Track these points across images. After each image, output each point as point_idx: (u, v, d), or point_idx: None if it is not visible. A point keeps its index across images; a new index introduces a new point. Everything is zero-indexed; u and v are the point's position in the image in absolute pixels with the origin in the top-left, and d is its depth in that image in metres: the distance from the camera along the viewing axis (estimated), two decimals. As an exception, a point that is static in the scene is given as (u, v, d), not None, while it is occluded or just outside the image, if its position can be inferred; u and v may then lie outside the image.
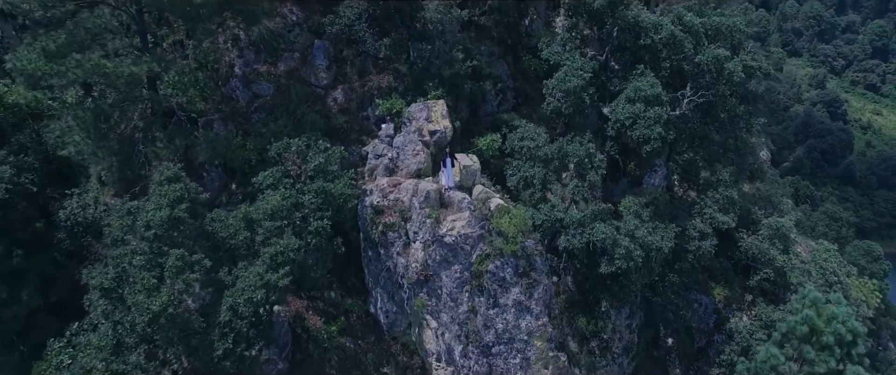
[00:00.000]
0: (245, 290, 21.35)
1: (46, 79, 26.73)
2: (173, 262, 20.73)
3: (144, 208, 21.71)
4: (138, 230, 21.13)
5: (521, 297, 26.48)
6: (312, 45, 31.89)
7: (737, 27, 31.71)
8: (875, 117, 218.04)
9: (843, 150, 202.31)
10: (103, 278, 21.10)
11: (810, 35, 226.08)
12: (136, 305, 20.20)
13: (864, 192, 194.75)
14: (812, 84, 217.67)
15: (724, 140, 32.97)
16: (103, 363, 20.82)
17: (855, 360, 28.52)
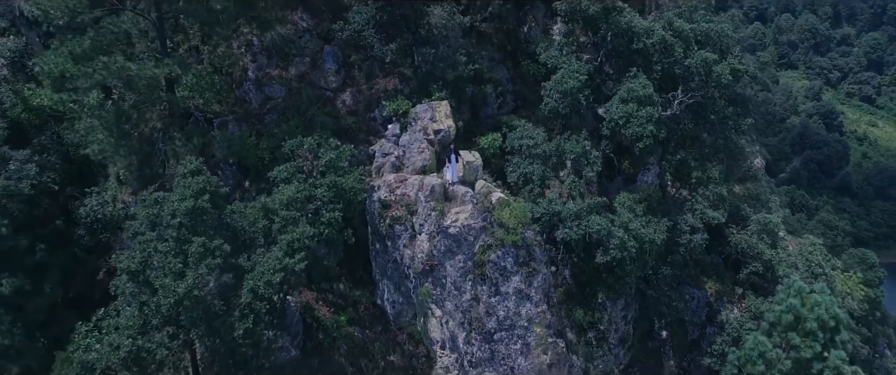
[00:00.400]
0: (264, 273, 22.97)
1: (73, 81, 28.51)
2: (196, 248, 22.36)
3: (169, 199, 23.37)
4: (164, 219, 22.75)
5: (522, 285, 28.10)
6: (322, 51, 33.74)
7: (724, 32, 33.62)
8: (871, 129, 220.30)
9: (840, 161, 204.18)
10: (130, 262, 22.70)
11: (806, 47, 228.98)
12: (163, 287, 21.80)
13: (861, 202, 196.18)
14: (808, 96, 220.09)
15: (714, 140, 34.76)
16: (130, 340, 22.36)
17: (838, 346, 30.10)
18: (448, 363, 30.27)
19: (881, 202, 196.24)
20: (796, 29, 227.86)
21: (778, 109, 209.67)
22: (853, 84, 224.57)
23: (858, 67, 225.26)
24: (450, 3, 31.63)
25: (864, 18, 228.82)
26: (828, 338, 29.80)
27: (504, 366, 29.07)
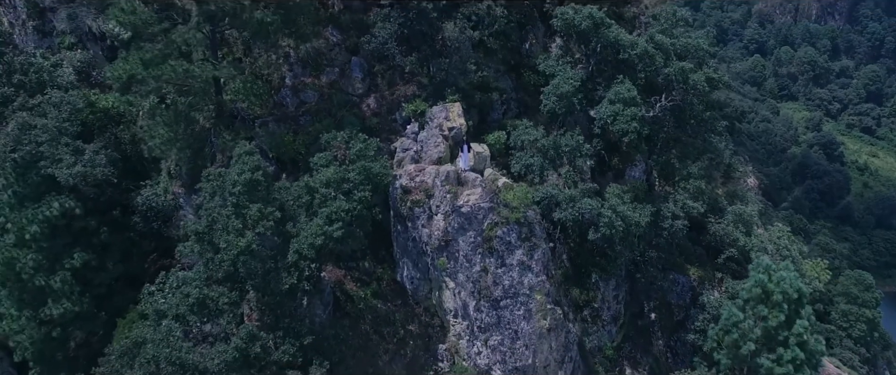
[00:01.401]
0: (308, 237, 28.05)
1: (141, 83, 34.06)
2: (254, 212, 27.51)
3: (230, 173, 28.58)
4: (227, 188, 27.92)
5: (524, 258, 33.03)
6: (350, 61, 39.32)
7: (700, 46, 39.13)
8: (872, 159, 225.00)
9: (841, 190, 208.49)
10: (198, 226, 27.81)
11: (805, 79, 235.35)
12: (227, 243, 26.86)
13: (863, 231, 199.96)
14: (808, 127, 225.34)
15: (694, 141, 39.97)
16: (197, 290, 27.32)
17: (802, 316, 34.88)
18: (460, 329, 35.06)
19: (883, 231, 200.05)
20: (796, 61, 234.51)
21: (779, 139, 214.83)
22: (853, 115, 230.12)
23: (858, 98, 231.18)
24: (461, 20, 37.15)
25: (862, 51, 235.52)
26: (792, 309, 34.59)
27: (509, 330, 33.82)
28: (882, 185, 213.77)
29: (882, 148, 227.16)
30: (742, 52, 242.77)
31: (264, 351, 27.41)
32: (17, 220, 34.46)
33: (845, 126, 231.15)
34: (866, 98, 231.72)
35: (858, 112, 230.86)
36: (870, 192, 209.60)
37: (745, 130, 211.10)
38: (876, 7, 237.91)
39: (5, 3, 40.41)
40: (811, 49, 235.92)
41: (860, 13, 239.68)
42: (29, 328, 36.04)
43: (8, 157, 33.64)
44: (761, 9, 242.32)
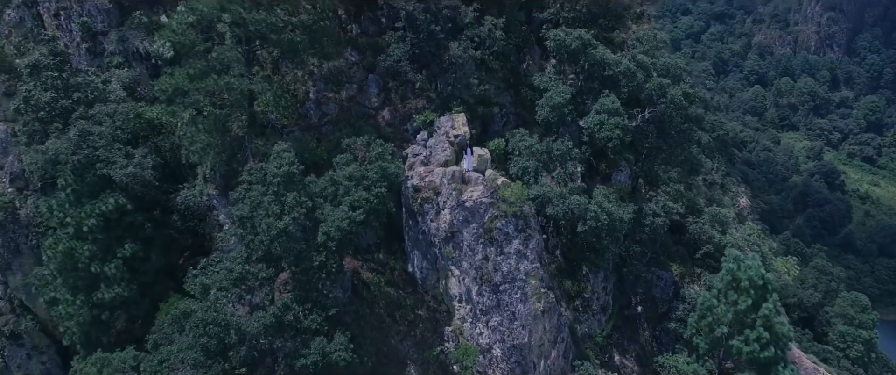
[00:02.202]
0: (335, 221, 33.34)
1: (186, 95, 39.76)
2: (290, 200, 32.88)
3: (269, 167, 34.00)
4: (268, 179, 33.32)
5: (520, 247, 38.18)
6: (367, 78, 45.07)
7: (678, 65, 44.86)
8: (873, 188, 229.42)
9: (842, 219, 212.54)
10: (241, 211, 33.16)
11: (806, 110, 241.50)
12: (267, 226, 32.16)
13: (865, 260, 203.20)
14: (809, 156, 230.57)
15: (674, 150, 45.40)
16: (239, 266, 32.54)
17: (767, 300, 39.73)
18: (464, 313, 40.06)
19: (885, 260, 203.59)
20: (796, 92, 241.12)
21: (780, 168, 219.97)
22: (854, 145, 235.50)
23: (858, 128, 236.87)
24: (465, 40, 42.86)
25: (861, 82, 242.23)
26: (759, 295, 39.58)
27: (507, 312, 38.80)
28: (884, 214, 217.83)
29: (883, 177, 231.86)
30: (743, 82, 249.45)
31: (296, 319, 32.49)
32: (76, 215, 39.85)
33: (846, 155, 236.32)
34: (866, 128, 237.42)
35: (859, 142, 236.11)
36: (871, 220, 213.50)
37: (745, 158, 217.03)
38: (874, 39, 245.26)
39: (63, 28, 46.42)
40: (811, 80, 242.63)
41: (858, 45, 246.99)
42: (80, 312, 41.14)
43: (70, 159, 39.15)
44: (761, 41, 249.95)
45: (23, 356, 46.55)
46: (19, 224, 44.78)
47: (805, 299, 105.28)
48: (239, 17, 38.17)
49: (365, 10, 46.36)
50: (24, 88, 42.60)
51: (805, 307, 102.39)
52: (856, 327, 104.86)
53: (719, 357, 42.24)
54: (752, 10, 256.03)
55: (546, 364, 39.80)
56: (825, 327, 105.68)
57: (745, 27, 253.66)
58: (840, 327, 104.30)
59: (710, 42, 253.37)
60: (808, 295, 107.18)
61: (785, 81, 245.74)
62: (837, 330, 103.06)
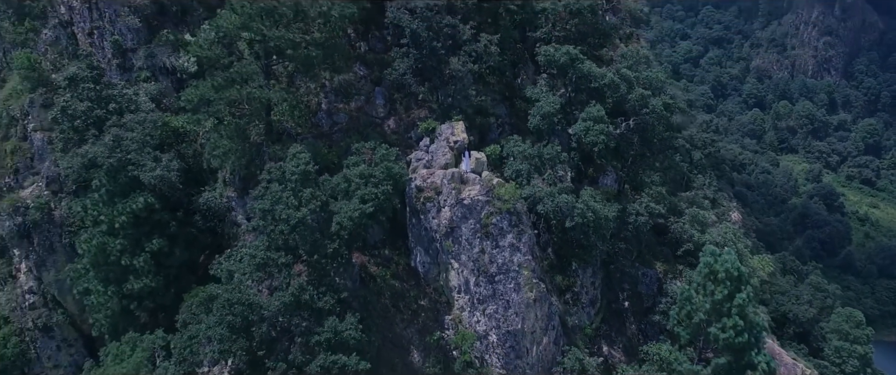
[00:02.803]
0: (347, 212, 37.74)
1: (209, 104, 44.41)
2: (307, 194, 37.31)
3: (287, 166, 38.47)
4: (287, 176, 37.77)
5: (514, 240, 42.46)
6: (374, 91, 49.81)
7: (658, 78, 49.51)
8: (873, 210, 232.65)
9: (842, 240, 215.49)
10: (263, 204, 37.57)
11: (804, 133, 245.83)
12: (287, 216, 36.52)
13: (866, 281, 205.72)
14: (808, 178, 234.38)
15: (657, 156, 49.88)
16: (262, 252, 36.86)
17: (741, 291, 43.70)
18: (462, 303, 44.21)
19: (886, 281, 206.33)
20: (794, 115, 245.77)
21: (779, 190, 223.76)
22: (853, 167, 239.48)
23: (856, 151, 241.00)
24: (463, 56, 47.56)
25: (858, 105, 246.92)
26: (733, 286, 43.61)
27: (502, 301, 42.93)
28: (884, 235, 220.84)
29: (882, 199, 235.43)
30: (741, 106, 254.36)
31: (311, 299, 36.69)
32: (109, 213, 44.30)
33: (845, 178, 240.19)
34: (865, 151, 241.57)
35: (858, 164, 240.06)
36: (871, 242, 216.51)
37: (744, 180, 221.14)
38: (870, 64, 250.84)
39: (95, 46, 51.27)
40: (809, 103, 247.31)
41: (855, 69, 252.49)
42: (110, 303, 45.36)
43: (105, 162, 43.70)
44: (759, 65, 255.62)
45: (53, 347, 50.63)
46: (54, 224, 49.16)
47: (800, 314, 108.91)
48: (260, 34, 42.93)
49: (372, 28, 51.30)
50: (62, 98, 47.27)
51: (800, 322, 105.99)
52: (851, 342, 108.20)
53: (700, 346, 46.26)
54: (750, 35, 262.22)
55: (538, 350, 43.81)
56: (821, 342, 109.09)
57: (743, 52, 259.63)
58: (835, 342, 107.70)
59: (709, 66, 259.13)
60: (803, 311, 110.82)
61: (783, 104, 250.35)
62: (833, 345, 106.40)
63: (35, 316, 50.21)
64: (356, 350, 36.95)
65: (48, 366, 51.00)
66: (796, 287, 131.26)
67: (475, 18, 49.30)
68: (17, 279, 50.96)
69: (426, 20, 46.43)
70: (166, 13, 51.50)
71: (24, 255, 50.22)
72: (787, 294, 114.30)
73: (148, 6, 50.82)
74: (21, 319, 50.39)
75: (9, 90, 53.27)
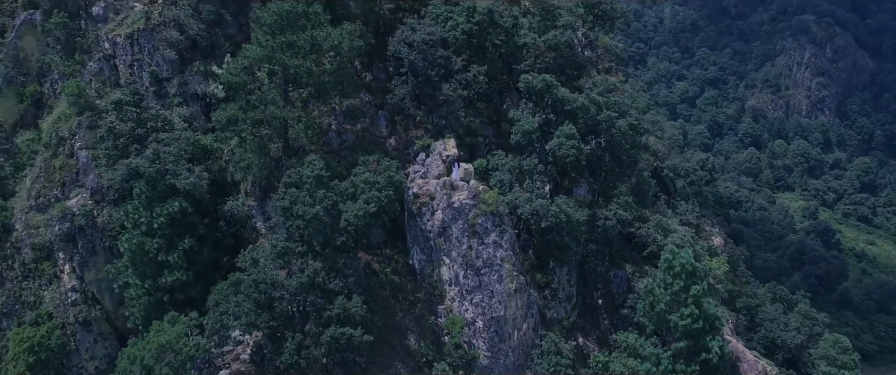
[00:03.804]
0: (353, 211, 45.81)
1: (236, 123, 52.91)
2: (320, 195, 45.47)
3: (304, 171, 46.66)
4: (303, 180, 45.96)
5: (497, 238, 50.35)
6: (378, 114, 58.40)
7: (625, 103, 58.00)
8: (869, 247, 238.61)
9: (839, 276, 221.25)
10: (283, 202, 45.70)
11: (800, 171, 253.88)
12: (304, 212, 44.59)
13: (863, 317, 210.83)
14: (805, 215, 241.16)
15: (624, 170, 58.09)
16: (282, 242, 44.84)
17: (696, 283, 51.25)
18: (453, 294, 51.87)
19: (884, 317, 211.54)
20: (790, 154, 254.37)
21: (775, 227, 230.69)
22: (849, 205, 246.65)
23: (852, 188, 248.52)
24: (454, 83, 56.14)
25: (852, 144, 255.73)
26: (689, 279, 51.28)
27: (487, 291, 50.57)
28: (881, 272, 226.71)
29: (879, 236, 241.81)
30: (738, 145, 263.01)
31: (323, 282, 44.48)
32: (147, 216, 52.38)
33: (842, 215, 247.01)
34: (860, 189, 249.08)
35: (854, 202, 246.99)
36: (868, 278, 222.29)
37: (741, 217, 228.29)
38: (863, 103, 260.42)
39: (135, 75, 60.11)
40: (804, 142, 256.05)
41: (848, 108, 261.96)
42: (145, 296, 53.04)
43: (146, 171, 52.00)
44: (754, 104, 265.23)
45: (91, 340, 58.14)
46: (96, 229, 57.22)
47: (789, 340, 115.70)
48: (282, 64, 51.66)
49: (376, 60, 60.33)
50: (108, 119, 55.80)
51: (789, 348, 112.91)
52: (838, 367, 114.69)
53: (663, 334, 53.67)
54: (745, 76, 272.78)
55: (519, 335, 51.29)
56: (810, 368, 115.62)
57: (738, 92, 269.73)
58: (823, 368, 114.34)
59: (705, 106, 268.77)
60: (791, 337, 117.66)
61: (779, 143, 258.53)
62: (821, 371, 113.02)
63: (76, 312, 57.81)
64: (361, 325, 44.59)
65: (85, 357, 58.40)
66: (785, 315, 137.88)
67: (466, 51, 58.15)
68: (60, 280, 58.73)
69: (422, 52, 55.26)
70: (197, 47, 60.40)
71: (69, 257, 58.12)
72: (775, 321, 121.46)
73: (182, 41, 59.73)
74: (63, 314, 57.96)
75: (57, 114, 61.95)
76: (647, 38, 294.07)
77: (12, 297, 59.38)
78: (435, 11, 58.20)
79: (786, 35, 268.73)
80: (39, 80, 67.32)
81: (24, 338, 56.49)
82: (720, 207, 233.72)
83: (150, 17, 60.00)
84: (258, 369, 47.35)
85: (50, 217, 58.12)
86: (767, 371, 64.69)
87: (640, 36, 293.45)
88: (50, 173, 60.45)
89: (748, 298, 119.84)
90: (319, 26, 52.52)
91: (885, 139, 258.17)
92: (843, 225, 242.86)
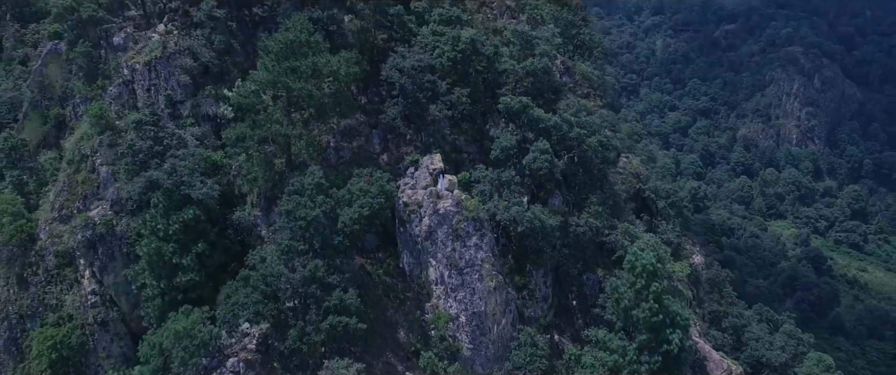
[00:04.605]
0: (349, 213, 52.84)
1: (245, 140, 60.20)
2: (320, 201, 52.54)
3: (305, 180, 53.76)
4: (304, 187, 53.04)
5: (477, 241, 57.27)
6: (372, 133, 65.73)
7: (594, 122, 65.41)
8: (861, 274, 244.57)
9: (831, 302, 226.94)
10: (287, 206, 52.69)
11: (792, 199, 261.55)
12: (305, 214, 51.58)
13: (856, 342, 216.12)
14: (797, 243, 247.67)
15: (595, 183, 65.29)
16: (286, 241, 51.74)
17: (656, 281, 57.99)
18: (439, 292, 58.59)
19: (876, 342, 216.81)
20: (781, 182, 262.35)
21: (767, 254, 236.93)
22: (840, 232, 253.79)
23: (843, 216, 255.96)
24: (440, 105, 63.57)
25: (842, 172, 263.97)
26: (650, 277, 58.02)
27: (469, 289, 57.31)
28: (873, 298, 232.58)
29: (871, 263, 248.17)
30: (730, 173, 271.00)
31: (323, 275, 51.26)
32: (164, 223, 59.25)
33: (834, 242, 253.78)
34: (851, 216, 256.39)
35: (845, 229, 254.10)
36: (860, 305, 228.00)
37: (733, 244, 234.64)
38: (851, 132, 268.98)
39: (152, 99, 67.49)
40: (795, 170, 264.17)
41: (838, 137, 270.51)
42: (159, 298, 59.61)
43: (164, 183, 59.02)
44: (745, 134, 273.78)
45: (107, 340, 64.51)
46: (115, 237, 64.01)
47: (773, 359, 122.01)
48: (286, 87, 59.09)
49: (370, 85, 67.84)
50: (129, 137, 63.05)
51: (774, 367, 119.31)
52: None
53: (629, 331, 60.27)
54: (736, 106, 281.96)
55: (498, 329, 57.91)
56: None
57: (730, 122, 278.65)
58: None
59: (697, 135, 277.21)
60: (776, 356, 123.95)
61: (770, 171, 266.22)
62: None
63: (94, 313, 64.28)
64: (356, 314, 51.26)
65: (102, 356, 64.68)
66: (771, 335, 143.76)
67: (451, 76, 65.80)
68: (81, 284, 65.31)
69: (412, 77, 62.85)
70: (209, 73, 67.91)
71: (89, 263, 64.81)
72: (761, 341, 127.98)
73: (195, 68, 67.24)
74: (83, 316, 64.42)
75: (80, 134, 69.20)
76: (639, 70, 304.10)
77: (36, 300, 65.77)
78: (423, 41, 65.98)
79: (774, 66, 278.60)
80: (62, 103, 74.85)
81: (46, 337, 62.85)
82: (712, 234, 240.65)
83: (166, 46, 67.58)
84: (263, 357, 53.86)
85: (73, 226, 64.96)
86: (732, 370, 71.11)
87: (632, 67, 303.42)
88: (73, 187, 67.43)
89: (734, 318, 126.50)
90: (320, 54, 60.05)
91: (875, 167, 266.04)
92: (835, 252, 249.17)
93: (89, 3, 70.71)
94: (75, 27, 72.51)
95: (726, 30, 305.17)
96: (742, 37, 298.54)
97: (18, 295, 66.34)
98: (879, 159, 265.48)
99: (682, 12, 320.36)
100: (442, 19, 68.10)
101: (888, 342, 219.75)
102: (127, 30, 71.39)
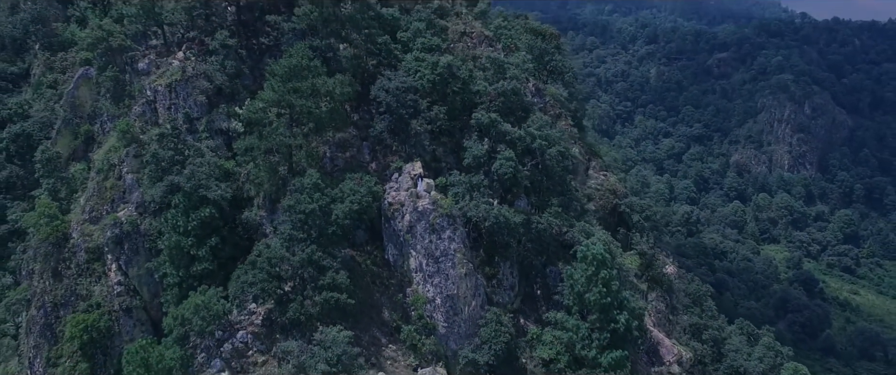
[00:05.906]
0: (341, 208, 64.91)
1: (253, 150, 72.61)
2: (317, 197, 64.67)
3: (305, 180, 65.91)
4: (305, 186, 65.17)
5: (451, 234, 69.16)
6: (362, 144, 78.11)
7: (555, 136, 77.72)
8: (853, 296, 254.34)
9: (822, 323, 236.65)
10: (289, 202, 64.78)
11: (784, 223, 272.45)
12: (303, 208, 63.66)
13: (847, 363, 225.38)
14: (789, 266, 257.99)
15: (556, 188, 77.36)
16: (288, 230, 63.68)
17: (605, 269, 69.66)
18: (418, 278, 70.37)
19: (867, 363, 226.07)
20: (774, 207, 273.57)
21: (759, 276, 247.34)
22: (833, 256, 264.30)
23: (835, 240, 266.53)
24: (421, 119, 75.88)
25: (834, 197, 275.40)
26: (599, 265, 69.73)
27: (443, 275, 69.06)
28: (864, 320, 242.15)
29: (863, 286, 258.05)
30: (723, 198, 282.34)
31: (318, 259, 63.10)
32: (184, 220, 71.29)
33: (826, 266, 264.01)
34: (843, 240, 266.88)
35: (837, 253, 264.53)
36: (852, 326, 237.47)
37: (725, 267, 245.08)
38: (842, 158, 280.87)
39: (172, 116, 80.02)
40: (787, 195, 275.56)
41: (829, 163, 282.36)
42: (176, 286, 71.36)
43: (185, 185, 71.23)
44: (738, 160, 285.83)
45: (131, 325, 76.13)
46: (139, 235, 76.04)
47: (751, 369, 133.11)
48: (289, 104, 71.56)
49: (362, 103, 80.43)
50: (152, 148, 75.42)
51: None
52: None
53: (583, 313, 71.76)
54: (729, 132, 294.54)
55: (469, 310, 69.52)
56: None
57: (723, 148, 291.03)
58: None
59: (691, 161, 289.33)
60: (753, 366, 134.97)
61: (763, 196, 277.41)
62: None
63: (120, 302, 76.04)
64: (346, 292, 63.02)
65: (126, 339, 76.19)
66: (750, 347, 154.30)
67: (431, 96, 78.35)
68: (108, 276, 77.18)
69: (396, 97, 75.41)
70: (222, 93, 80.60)
71: (116, 258, 76.75)
72: (739, 352, 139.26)
73: (210, 89, 79.93)
74: (109, 304, 76.15)
75: (108, 147, 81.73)
76: (633, 97, 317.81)
77: (69, 291, 77.60)
78: (407, 65, 78.76)
79: (766, 93, 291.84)
80: (91, 121, 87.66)
81: (78, 322, 74.52)
82: (705, 257, 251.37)
83: (185, 70, 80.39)
84: (267, 330, 65.45)
85: (102, 226, 77.10)
86: (683, 355, 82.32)
87: (627, 95, 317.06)
88: (101, 193, 79.72)
89: (714, 331, 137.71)
90: (318, 77, 72.71)
91: (866, 192, 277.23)
92: (827, 275, 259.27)
93: (118, 34, 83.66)
94: (104, 54, 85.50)
95: (719, 58, 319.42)
96: (734, 65, 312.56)
97: (53, 287, 78.14)
98: (870, 183, 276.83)
99: (676, 41, 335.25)
100: (424, 47, 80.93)
101: (879, 363, 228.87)
102: (150, 57, 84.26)
